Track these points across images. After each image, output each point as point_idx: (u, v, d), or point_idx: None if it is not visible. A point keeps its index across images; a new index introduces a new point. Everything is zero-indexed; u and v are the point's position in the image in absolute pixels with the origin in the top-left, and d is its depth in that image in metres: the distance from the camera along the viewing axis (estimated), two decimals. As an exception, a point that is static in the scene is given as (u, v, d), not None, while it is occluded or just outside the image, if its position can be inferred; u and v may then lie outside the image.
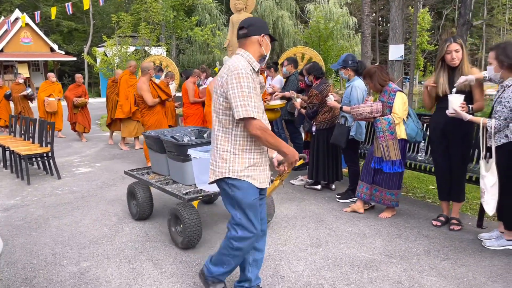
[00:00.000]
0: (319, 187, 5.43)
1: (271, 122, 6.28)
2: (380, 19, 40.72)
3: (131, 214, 4.52)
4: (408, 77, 16.08)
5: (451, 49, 3.75)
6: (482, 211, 4.04)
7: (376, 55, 35.94)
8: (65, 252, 3.65)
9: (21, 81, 10.81)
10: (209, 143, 3.94)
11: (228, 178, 2.44)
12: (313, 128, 5.20)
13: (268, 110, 5.97)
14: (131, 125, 8.58)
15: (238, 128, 2.41)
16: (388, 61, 9.65)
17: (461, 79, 3.62)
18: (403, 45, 9.45)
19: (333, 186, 5.45)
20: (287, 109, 6.36)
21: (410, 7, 22.22)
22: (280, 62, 7.96)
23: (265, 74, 7.56)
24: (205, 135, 4.36)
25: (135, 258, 3.50)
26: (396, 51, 9.49)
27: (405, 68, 19.71)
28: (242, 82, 2.30)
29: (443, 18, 36.41)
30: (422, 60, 28.38)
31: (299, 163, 2.66)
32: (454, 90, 3.67)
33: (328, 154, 5.21)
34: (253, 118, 2.30)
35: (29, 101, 10.61)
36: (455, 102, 3.52)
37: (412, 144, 5.16)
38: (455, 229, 3.98)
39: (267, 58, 2.60)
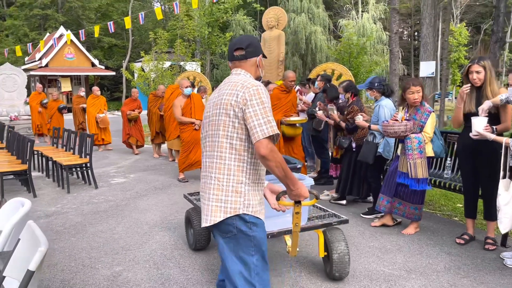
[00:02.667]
0: (344, 202, 5.52)
1: (295, 137, 6.39)
2: (415, 34, 40.22)
3: (188, 244, 4.16)
4: (440, 92, 15.81)
5: (472, 69, 3.83)
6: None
7: (411, 70, 35.38)
8: (100, 257, 3.92)
9: (82, 94, 11.50)
10: None
11: (245, 214, 2.10)
12: (353, 144, 5.35)
13: (288, 125, 6.13)
14: None
15: (253, 155, 2.13)
16: (419, 78, 9.62)
17: (479, 110, 3.70)
18: (434, 62, 9.43)
19: (371, 198, 5.53)
20: (312, 126, 6.47)
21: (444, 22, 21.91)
22: (312, 77, 8.10)
23: (296, 91, 7.68)
24: None
25: (163, 265, 3.72)
26: (427, 68, 9.47)
27: (441, 83, 19.38)
28: (263, 97, 2.09)
29: (481, 32, 35.59)
30: (459, 76, 27.77)
31: (309, 203, 2.40)
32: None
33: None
34: (269, 137, 2.04)
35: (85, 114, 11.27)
36: (478, 125, 3.59)
37: (438, 161, 5.19)
38: (490, 248, 3.93)
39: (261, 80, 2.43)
